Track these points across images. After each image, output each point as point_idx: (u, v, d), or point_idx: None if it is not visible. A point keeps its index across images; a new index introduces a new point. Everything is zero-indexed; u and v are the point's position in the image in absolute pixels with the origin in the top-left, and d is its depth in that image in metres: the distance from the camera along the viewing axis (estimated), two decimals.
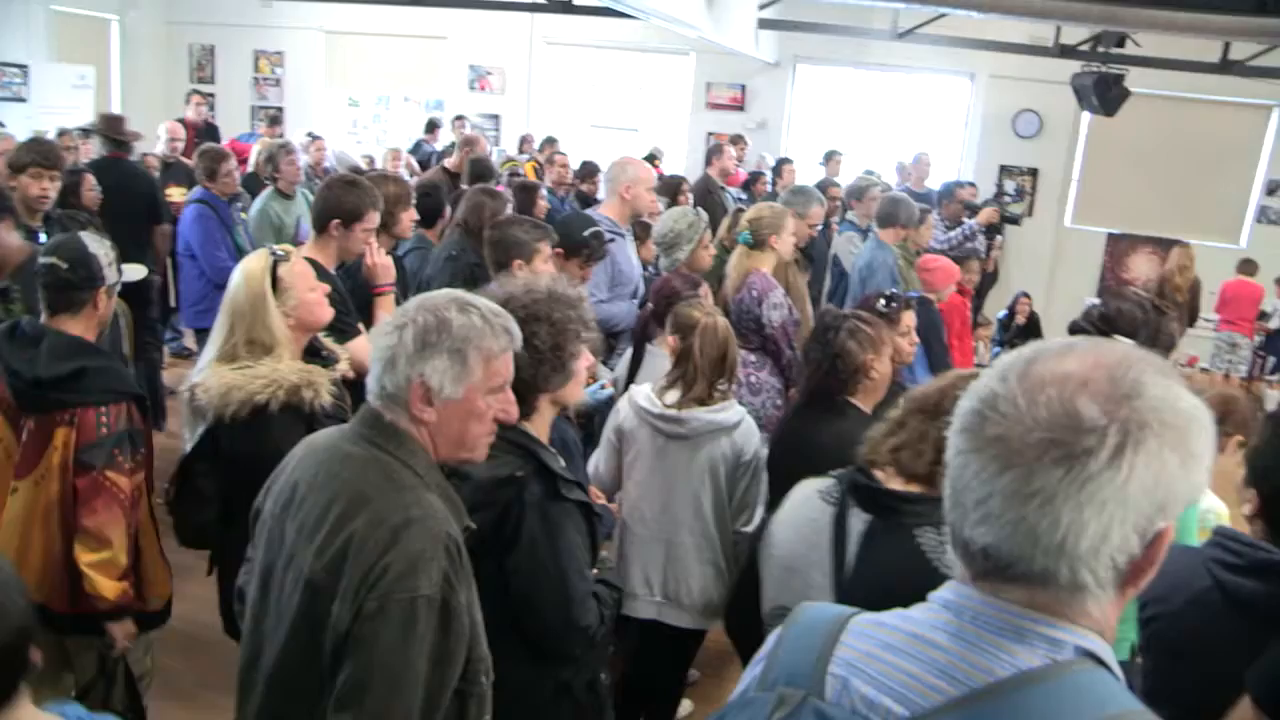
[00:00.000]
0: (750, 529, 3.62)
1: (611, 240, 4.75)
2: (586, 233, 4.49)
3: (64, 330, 3.15)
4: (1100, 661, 1.08)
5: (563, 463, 2.66)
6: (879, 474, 2.28)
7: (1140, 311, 2.93)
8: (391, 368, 2.03)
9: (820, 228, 7.64)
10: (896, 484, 2.24)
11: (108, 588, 3.07)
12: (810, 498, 2.50)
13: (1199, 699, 1.97)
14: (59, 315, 3.17)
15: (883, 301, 4.12)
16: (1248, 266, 10.98)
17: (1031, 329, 10.51)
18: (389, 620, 1.87)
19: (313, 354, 3.20)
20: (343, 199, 4.08)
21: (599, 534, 2.83)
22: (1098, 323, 2.93)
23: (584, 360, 2.73)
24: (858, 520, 2.33)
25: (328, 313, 3.22)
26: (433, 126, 12.70)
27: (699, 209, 5.11)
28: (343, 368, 3.29)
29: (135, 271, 4.10)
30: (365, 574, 1.89)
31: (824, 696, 1.12)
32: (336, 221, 4.04)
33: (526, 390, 2.49)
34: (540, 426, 2.67)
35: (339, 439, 2.12)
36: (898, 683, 1.09)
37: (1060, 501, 1.02)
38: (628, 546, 3.67)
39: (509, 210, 5.33)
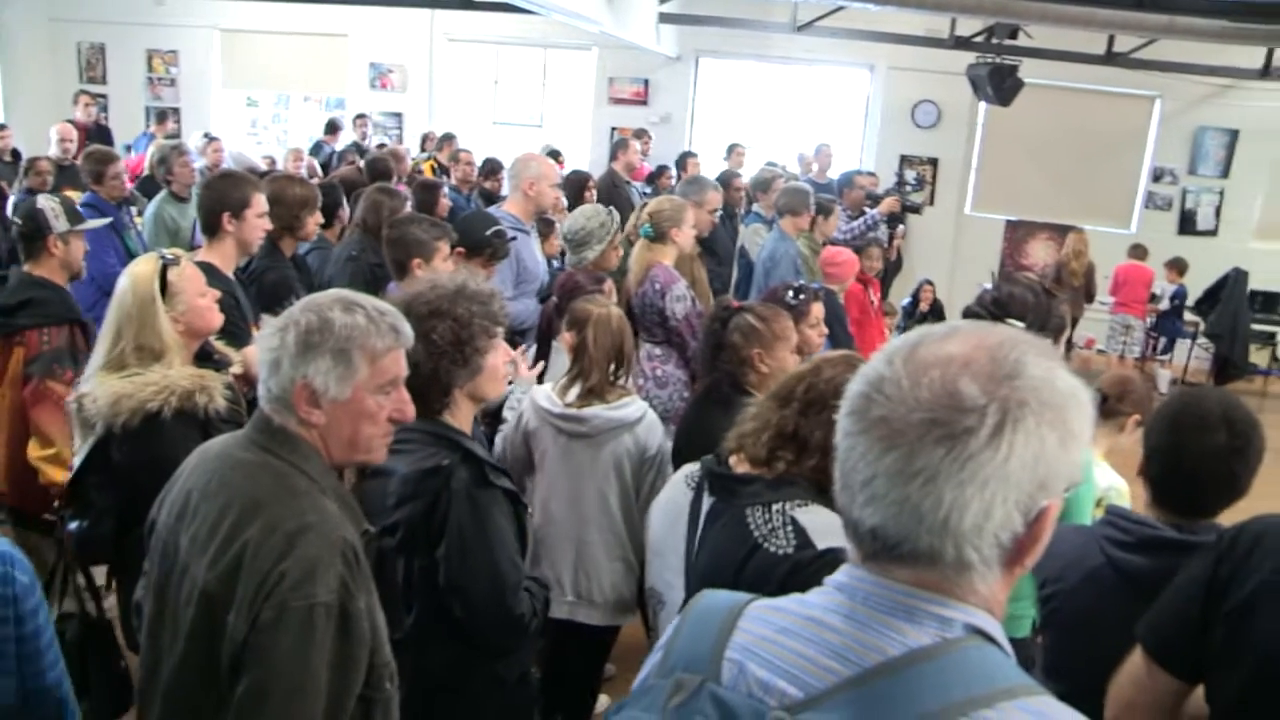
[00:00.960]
0: None
1: (514, 239, 4.71)
2: (489, 231, 4.44)
3: (32, 273, 3.89)
4: (989, 638, 1.09)
5: (487, 451, 2.66)
6: (734, 460, 2.32)
7: (1031, 295, 3.00)
8: (275, 370, 1.99)
9: (725, 219, 7.72)
10: (744, 468, 2.26)
11: (57, 477, 3.46)
12: (678, 482, 2.55)
13: (1096, 673, 2.03)
14: (28, 261, 3.94)
15: (791, 294, 4.16)
16: (1138, 251, 11.31)
17: (935, 316, 10.70)
18: (286, 629, 1.83)
19: (204, 358, 3.14)
20: (227, 191, 4.05)
21: (528, 524, 2.82)
22: (990, 307, 2.99)
23: (499, 356, 2.71)
24: (707, 503, 2.38)
25: (218, 318, 3.17)
26: (333, 127, 12.51)
27: (611, 208, 5.08)
28: (236, 370, 3.23)
29: None
30: (260, 583, 1.84)
31: (720, 681, 1.12)
32: (227, 215, 4.00)
33: (432, 386, 2.48)
34: (460, 419, 2.67)
35: (231, 445, 2.07)
36: (792, 665, 1.10)
37: (942, 480, 1.03)
38: (538, 547, 3.65)
39: (408, 209, 5.26)
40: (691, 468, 2.56)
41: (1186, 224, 13.28)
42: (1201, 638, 1.83)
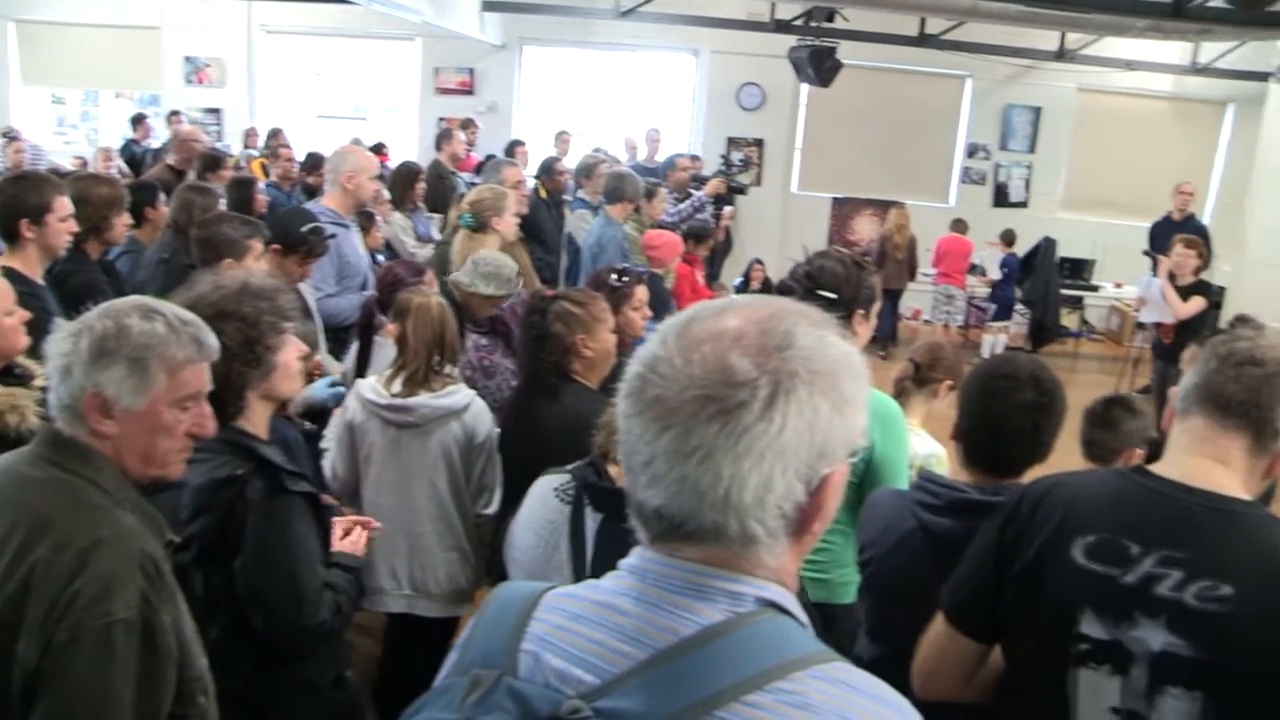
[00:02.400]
0: (490, 511, 3.64)
1: (333, 235, 4.62)
2: (304, 228, 4.34)
3: None
4: (783, 610, 1.10)
5: (284, 456, 2.59)
6: (612, 468, 2.30)
7: (842, 268, 3.04)
8: (66, 377, 1.90)
9: (551, 206, 7.73)
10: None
11: None
12: (547, 496, 2.52)
13: (914, 634, 2.10)
14: None
15: (615, 276, 4.19)
16: (959, 225, 11.74)
17: (767, 294, 10.88)
18: (83, 650, 1.75)
19: (5, 374, 2.98)
20: (22, 196, 3.81)
21: (329, 526, 2.77)
22: (803, 280, 3.03)
23: (290, 352, 2.65)
24: (592, 520, 2.36)
25: (23, 340, 2.97)
26: (139, 122, 11.98)
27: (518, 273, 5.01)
28: (40, 383, 3.08)
29: None
30: (52, 604, 1.76)
31: (517, 674, 1.10)
32: (25, 221, 3.78)
33: (225, 390, 2.40)
34: (255, 424, 2.58)
35: (17, 462, 1.96)
36: (587, 652, 1.08)
37: (719, 456, 1.02)
38: (370, 542, 3.59)
39: (221, 207, 5.11)
40: (558, 479, 2.54)
41: (1000, 197, 13.91)
42: (996, 600, 1.91)
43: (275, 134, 10.88)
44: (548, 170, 8.04)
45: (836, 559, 2.99)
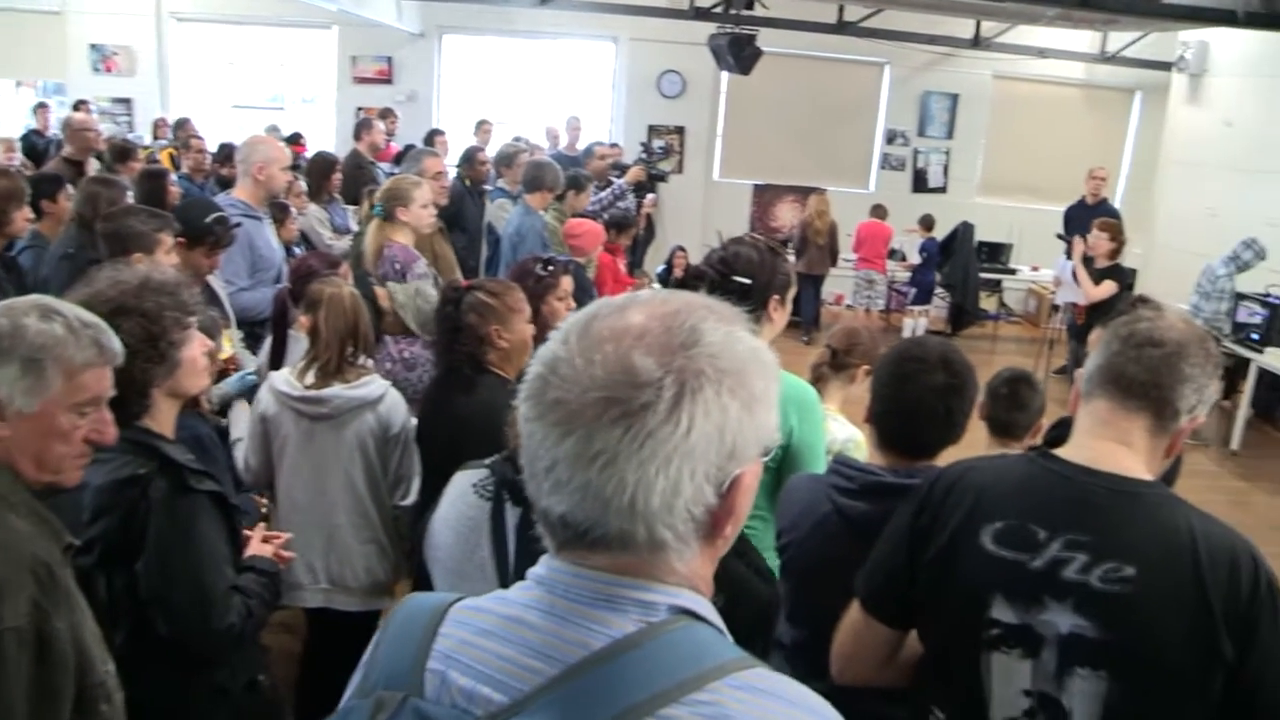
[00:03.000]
0: (408, 502, 3.60)
1: (238, 225, 4.51)
2: (209, 219, 4.24)
3: None
4: (697, 616, 1.06)
5: (190, 455, 2.52)
6: None
7: (756, 254, 3.03)
8: None
9: (472, 195, 7.66)
10: None
11: None
12: (466, 493, 2.48)
13: (832, 618, 2.10)
14: None
15: (540, 266, 4.16)
16: (878, 210, 11.87)
17: (682, 285, 10.90)
18: None
19: None
20: None
21: (240, 526, 2.71)
22: (717, 266, 3.02)
23: (195, 347, 2.58)
24: (512, 515, 2.33)
25: None
26: (40, 111, 11.62)
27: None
28: None
29: None
30: None
31: (424, 694, 1.06)
32: None
33: (128, 389, 2.33)
34: (160, 422, 2.51)
35: None
36: (495, 669, 1.04)
37: (623, 461, 0.98)
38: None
39: (129, 199, 4.98)
40: (476, 474, 2.50)
41: (919, 182, 14.12)
42: (909, 587, 1.92)
43: (182, 124, 10.64)
44: (469, 160, 7.97)
45: (757, 545, 2.99)
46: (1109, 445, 1.80)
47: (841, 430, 3.62)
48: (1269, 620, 1.65)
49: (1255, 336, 8.57)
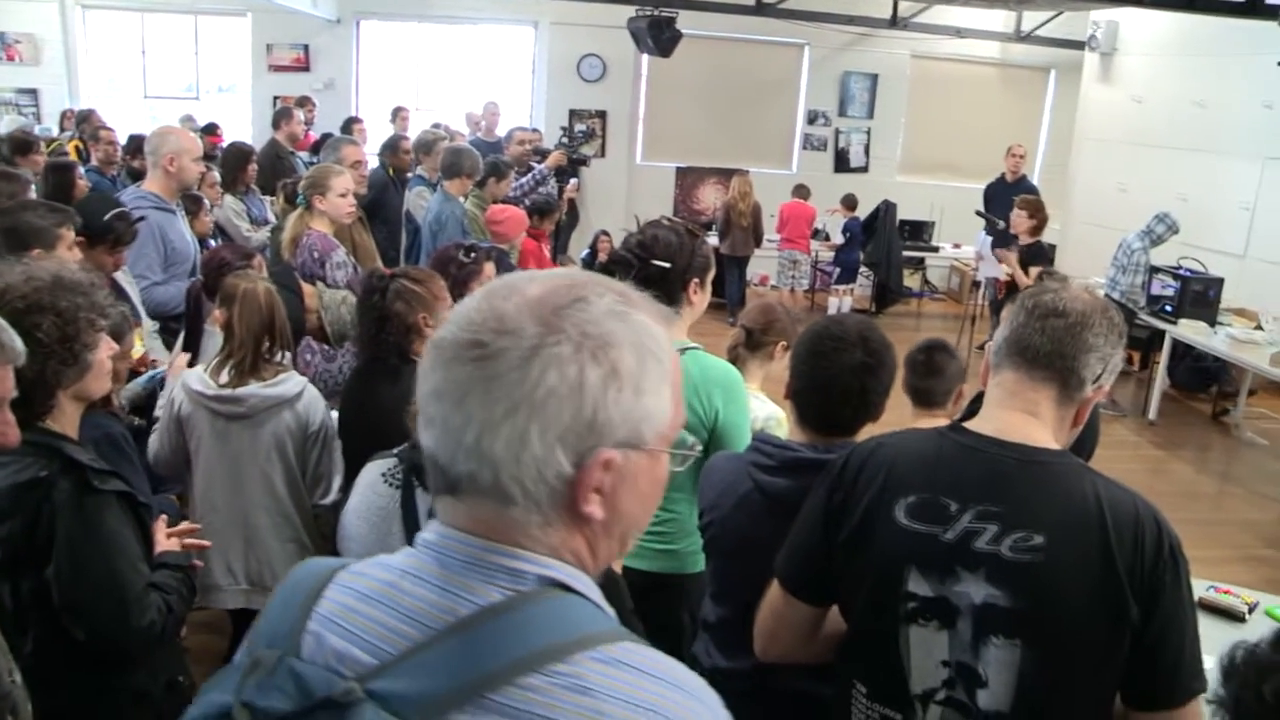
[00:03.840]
0: (329, 500, 3.54)
1: (141, 219, 4.39)
2: (108, 216, 4.12)
3: None
4: (570, 590, 1.07)
5: (94, 455, 2.45)
6: None
7: (674, 236, 3.03)
8: None
9: (394, 184, 7.56)
10: None
11: None
12: (376, 483, 2.45)
13: (756, 594, 2.11)
14: None
15: (464, 253, 4.12)
16: (800, 190, 11.95)
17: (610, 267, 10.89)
18: None
19: None
20: None
21: (151, 524, 2.64)
22: (635, 250, 3.01)
23: (104, 350, 2.51)
24: (423, 501, 2.30)
25: None
26: None
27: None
28: None
29: None
30: None
31: (300, 654, 1.06)
32: None
33: (36, 389, 2.26)
34: (64, 423, 2.43)
35: None
36: (368, 633, 1.05)
37: (471, 399, 1.01)
38: (203, 538, 3.48)
39: (33, 193, 4.84)
40: (385, 464, 2.47)
41: (841, 162, 14.22)
42: (827, 564, 1.93)
43: (87, 116, 10.30)
44: (393, 148, 7.87)
45: (683, 528, 3.00)
46: (1017, 416, 1.82)
47: (762, 408, 3.63)
48: (1172, 582, 1.69)
49: (1168, 309, 8.77)
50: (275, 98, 12.12)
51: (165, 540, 2.65)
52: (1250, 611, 3.51)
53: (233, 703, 1.03)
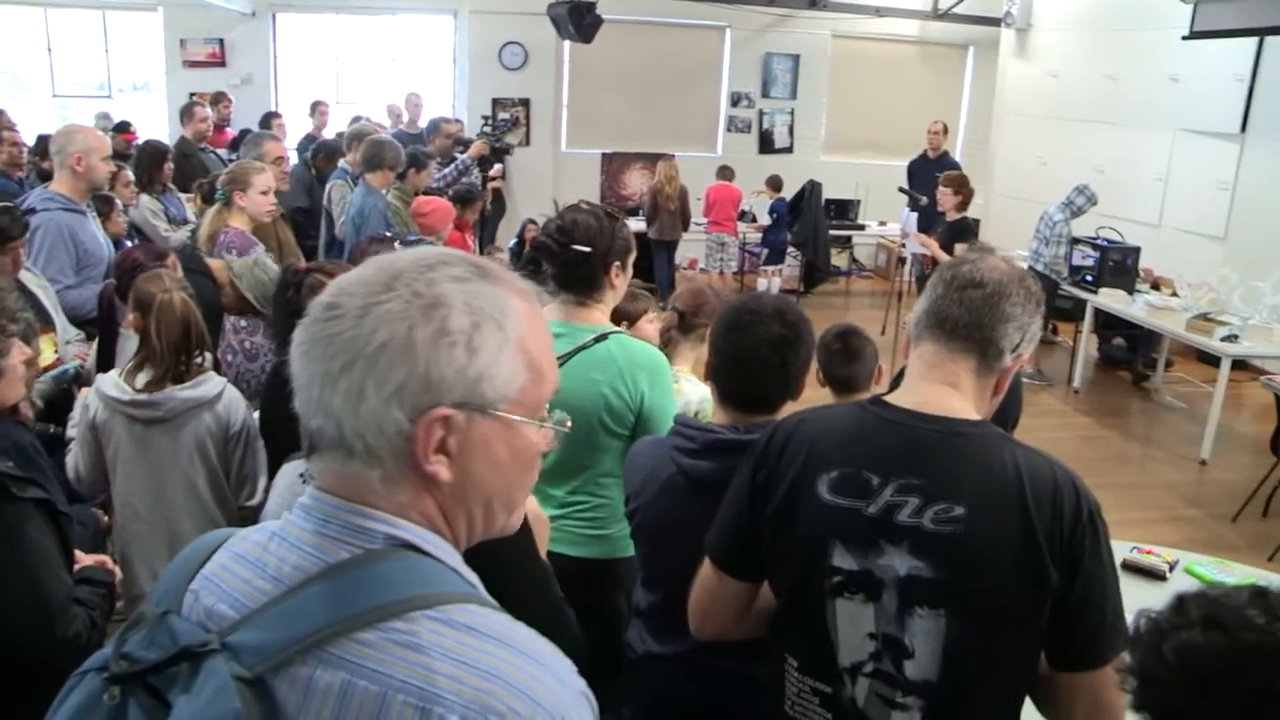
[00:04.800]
0: (255, 502, 3.49)
1: (29, 213, 4.26)
2: None
3: None
4: (421, 551, 1.10)
5: (10, 463, 2.39)
6: None
7: (594, 220, 3.02)
8: None
9: (318, 180, 7.45)
10: None
11: None
12: (294, 483, 2.42)
13: (685, 578, 2.12)
14: None
15: (398, 246, 4.06)
16: (725, 172, 11.97)
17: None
18: None
19: None
20: None
21: (71, 534, 2.57)
22: (555, 236, 3.00)
23: (16, 355, 2.45)
24: None
25: None
26: None
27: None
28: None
29: None
30: None
31: (181, 612, 1.10)
32: None
33: None
34: None
35: None
36: (236, 590, 1.09)
37: (316, 351, 1.07)
38: (127, 546, 3.41)
39: None
40: (301, 463, 2.43)
41: (765, 143, 14.29)
42: (755, 541, 1.94)
43: None
44: (332, 153, 7.73)
45: (615, 514, 2.99)
46: (937, 388, 1.83)
47: (695, 390, 3.64)
48: (1090, 546, 1.72)
49: (1089, 278, 8.93)
50: (192, 94, 11.86)
51: (85, 556, 2.59)
52: (1171, 570, 3.59)
53: (111, 654, 1.07)
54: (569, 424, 1.21)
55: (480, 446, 1.11)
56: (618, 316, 3.73)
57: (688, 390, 3.61)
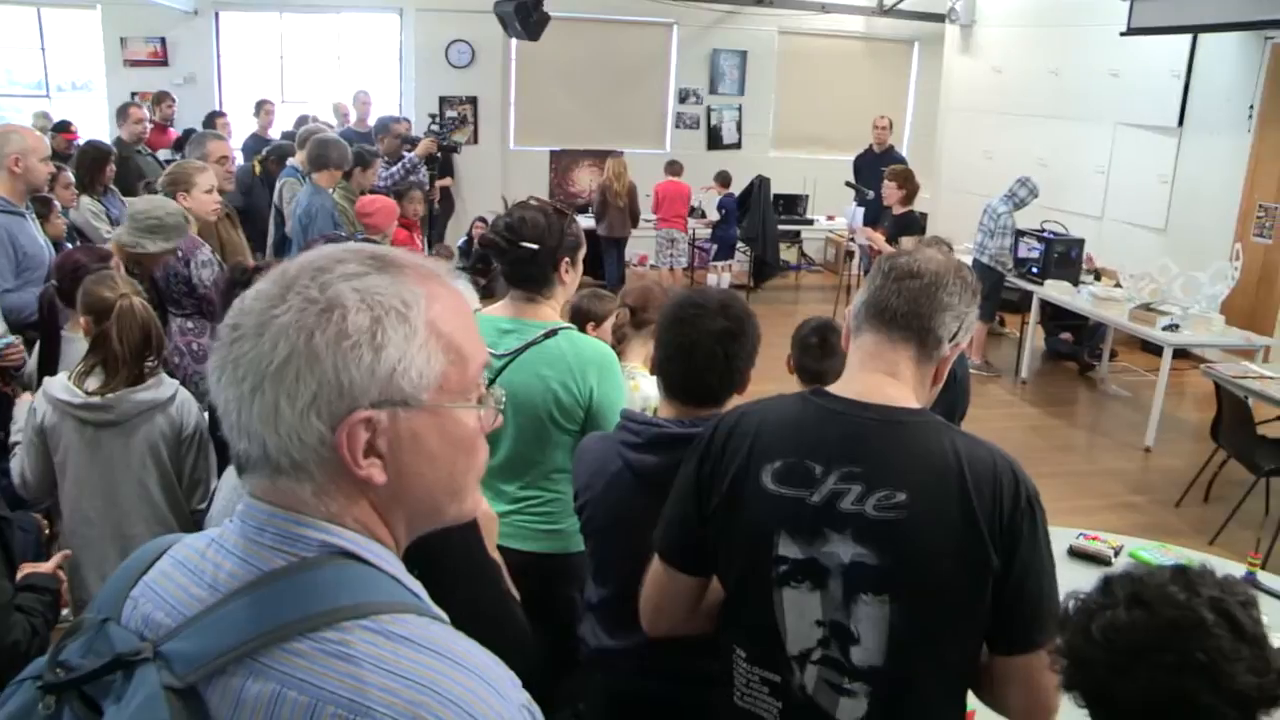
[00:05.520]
0: (207, 505, 3.46)
1: None
2: None
3: None
4: (359, 559, 1.07)
5: None
6: None
7: (543, 217, 3.03)
8: None
9: (267, 184, 7.39)
10: None
11: None
12: (239, 485, 2.38)
13: (635, 572, 2.13)
14: None
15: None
16: (674, 168, 11.95)
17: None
18: None
19: None
20: None
21: (14, 541, 2.55)
22: (503, 233, 3.01)
23: None
24: None
25: None
26: None
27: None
28: None
29: None
30: None
31: (120, 620, 1.09)
32: None
33: None
34: None
35: None
36: (173, 598, 1.08)
37: (225, 378, 1.04)
38: (78, 552, 3.36)
39: None
40: None
41: (714, 140, 14.34)
42: (702, 534, 1.96)
43: None
44: (278, 154, 7.67)
45: (566, 509, 3.00)
46: (878, 378, 1.86)
47: (652, 386, 3.65)
48: (1029, 531, 1.75)
49: (1035, 270, 9.05)
50: (133, 93, 11.70)
51: (32, 563, 2.56)
52: (1116, 555, 3.66)
53: (46, 662, 1.06)
54: (503, 399, 1.19)
55: (411, 441, 1.08)
56: (585, 317, 3.75)
57: (645, 386, 3.62)
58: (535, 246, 2.97)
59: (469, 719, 0.97)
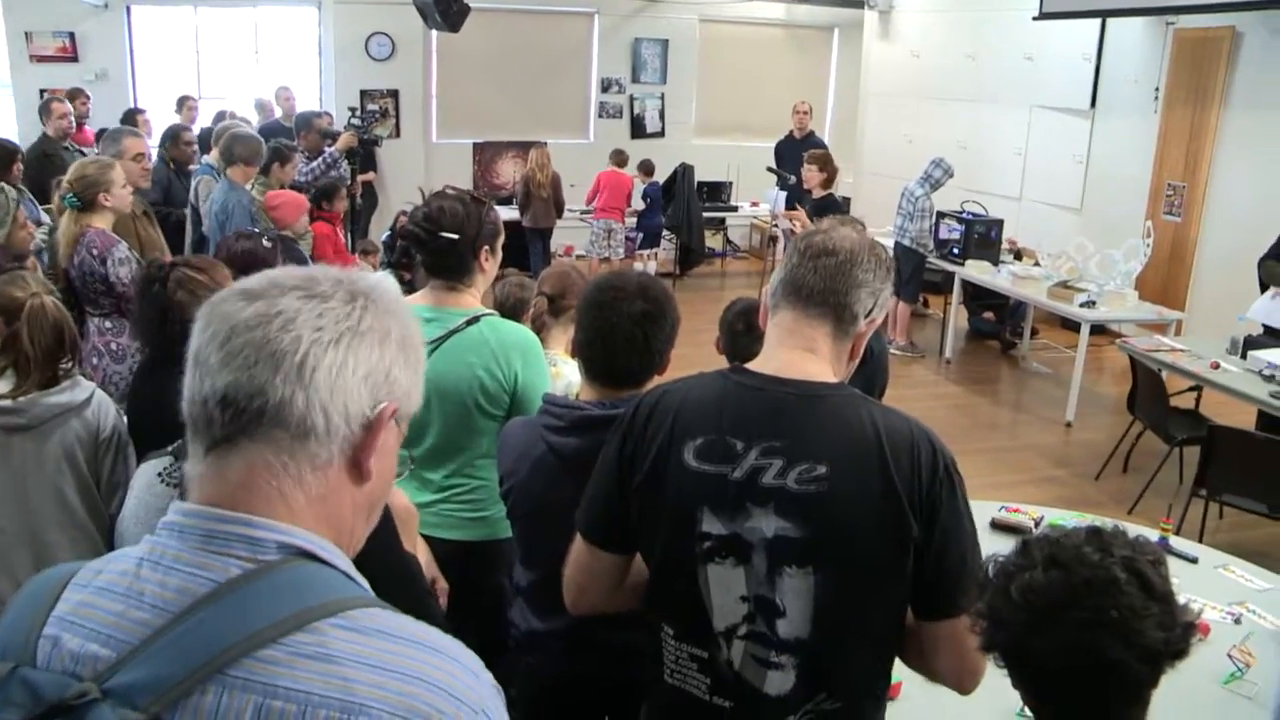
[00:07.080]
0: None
1: None
2: None
3: None
4: (316, 558, 1.06)
5: None
6: None
7: (461, 206, 3.04)
8: None
9: (179, 175, 7.26)
10: None
11: None
12: (152, 484, 2.37)
13: (560, 555, 2.13)
14: None
15: (265, 241, 4.00)
16: (619, 157, 11.79)
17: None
18: None
19: None
20: None
21: None
22: (422, 224, 3.00)
23: None
24: None
25: None
26: None
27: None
28: None
29: None
30: None
31: (36, 663, 1.01)
32: None
33: None
34: None
35: None
36: (107, 626, 1.00)
37: (302, 320, 1.05)
38: None
39: None
40: (160, 463, 2.39)
41: (637, 128, 14.34)
42: (625, 513, 1.97)
43: None
44: (174, 139, 7.53)
45: (493, 495, 3.00)
46: (796, 354, 1.88)
47: (573, 371, 3.66)
48: (948, 498, 1.79)
49: (956, 251, 9.20)
50: (42, 90, 11.39)
51: None
52: (1036, 526, 3.73)
53: None
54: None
55: (385, 449, 1.13)
56: (517, 307, 3.73)
57: (566, 372, 3.63)
58: (455, 236, 2.97)
59: (457, 702, 0.98)
